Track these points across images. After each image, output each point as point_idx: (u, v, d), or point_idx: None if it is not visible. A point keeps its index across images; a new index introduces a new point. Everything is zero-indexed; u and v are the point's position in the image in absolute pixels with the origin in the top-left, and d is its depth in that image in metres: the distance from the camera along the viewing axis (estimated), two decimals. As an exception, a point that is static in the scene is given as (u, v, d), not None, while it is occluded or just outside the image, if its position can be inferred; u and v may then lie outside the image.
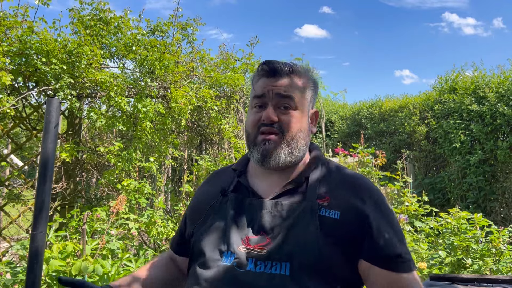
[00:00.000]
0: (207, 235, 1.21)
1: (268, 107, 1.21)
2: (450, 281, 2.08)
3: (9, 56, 3.64)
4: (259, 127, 1.22)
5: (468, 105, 7.77)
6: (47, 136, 2.43)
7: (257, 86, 1.26)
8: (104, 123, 3.85)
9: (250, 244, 1.14)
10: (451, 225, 3.48)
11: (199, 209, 1.32)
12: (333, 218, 1.14)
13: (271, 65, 1.24)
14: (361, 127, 10.18)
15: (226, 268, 1.12)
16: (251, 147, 1.24)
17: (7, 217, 4.14)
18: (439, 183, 8.24)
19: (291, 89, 1.23)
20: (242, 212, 1.21)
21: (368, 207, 1.16)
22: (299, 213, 1.15)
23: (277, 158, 1.20)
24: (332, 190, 1.20)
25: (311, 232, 1.12)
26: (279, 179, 1.24)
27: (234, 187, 1.28)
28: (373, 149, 6.49)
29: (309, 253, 1.09)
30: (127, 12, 4.59)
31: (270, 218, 1.16)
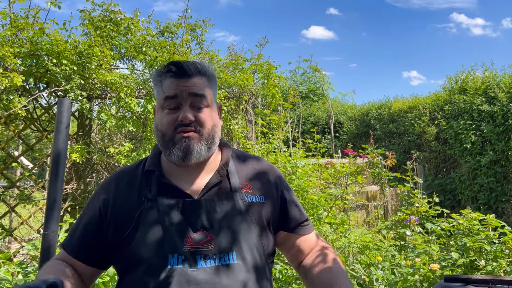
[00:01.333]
0: (145, 242, 1.18)
1: (185, 108, 1.24)
2: (465, 282, 2.05)
3: (20, 57, 3.67)
4: (176, 127, 1.24)
5: (479, 105, 7.70)
6: (59, 136, 2.44)
7: (166, 86, 1.26)
8: (114, 124, 3.86)
9: (194, 243, 1.18)
10: (463, 226, 3.44)
11: (122, 216, 1.25)
12: (260, 202, 1.31)
13: (180, 65, 1.26)
14: (370, 128, 10.13)
15: (178, 270, 1.14)
16: (170, 146, 1.24)
17: (18, 217, 4.16)
18: (450, 184, 8.18)
19: (202, 87, 1.27)
20: (176, 214, 1.22)
21: (279, 185, 1.39)
22: (231, 205, 1.26)
23: (198, 154, 1.24)
24: (250, 177, 1.35)
25: (245, 220, 1.25)
26: (199, 174, 1.30)
27: (158, 189, 1.26)
28: (382, 150, 6.46)
29: (249, 239, 1.23)
30: (137, 13, 4.61)
31: (207, 215, 1.22)
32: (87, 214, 1.32)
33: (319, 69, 14.48)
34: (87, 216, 1.31)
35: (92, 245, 1.27)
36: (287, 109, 6.04)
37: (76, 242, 1.30)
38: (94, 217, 1.29)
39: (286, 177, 4.30)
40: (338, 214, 5.09)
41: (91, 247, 1.28)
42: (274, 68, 5.02)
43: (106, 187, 1.34)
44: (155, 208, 1.22)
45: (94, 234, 1.27)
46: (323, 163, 5.80)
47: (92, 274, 1.32)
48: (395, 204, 7.48)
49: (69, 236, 1.33)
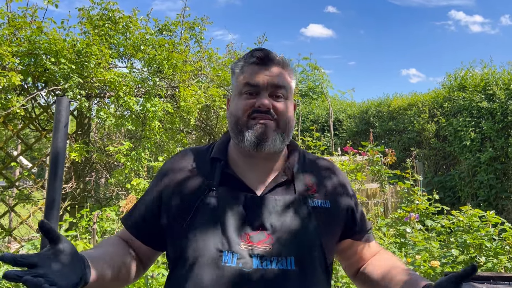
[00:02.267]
0: (201, 234, 1.13)
1: (263, 95, 1.19)
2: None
3: (18, 56, 3.65)
4: (251, 113, 1.19)
5: (478, 102, 7.70)
6: (57, 135, 2.43)
7: (249, 73, 1.22)
8: (113, 123, 3.85)
9: (251, 241, 1.12)
10: (463, 223, 3.44)
11: (182, 202, 1.19)
12: (325, 208, 1.22)
13: (265, 53, 1.23)
14: (370, 126, 10.12)
15: (232, 268, 1.08)
16: (243, 131, 1.18)
17: (18, 217, 4.16)
18: (450, 181, 8.17)
19: (283, 79, 1.23)
20: (236, 208, 1.16)
21: (347, 191, 1.31)
22: (294, 207, 1.18)
23: (272, 143, 1.19)
24: (316, 180, 1.27)
25: (308, 225, 1.17)
26: (265, 168, 1.25)
27: (221, 179, 1.21)
28: (382, 147, 6.45)
29: (309, 246, 1.15)
30: (136, 12, 4.60)
31: (268, 214, 1.15)
32: (149, 192, 1.28)
33: (318, 67, 14.46)
34: (148, 195, 1.28)
35: (149, 224, 1.24)
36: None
37: (135, 219, 1.27)
38: (154, 197, 1.25)
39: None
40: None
41: (148, 226, 1.25)
42: (273, 66, 5.01)
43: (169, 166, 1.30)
44: (215, 198, 1.17)
45: (152, 214, 1.24)
46: (323, 161, 5.78)
47: (149, 254, 1.29)
48: (395, 201, 7.47)
49: (130, 211, 1.32)
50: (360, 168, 5.92)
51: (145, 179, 4.23)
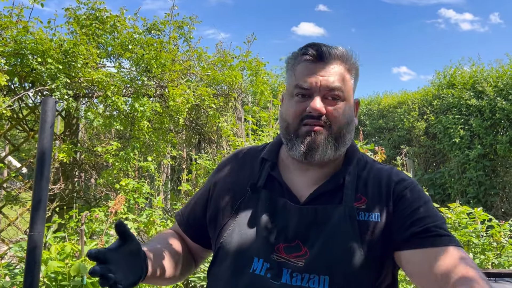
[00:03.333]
0: (236, 236, 1.09)
1: (316, 98, 1.07)
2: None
3: (4, 56, 3.61)
4: (303, 118, 1.09)
5: (467, 100, 7.76)
6: (43, 135, 2.40)
7: (300, 73, 1.11)
8: (102, 123, 3.83)
9: (285, 253, 1.04)
10: (451, 220, 3.46)
11: (225, 199, 1.17)
12: (374, 221, 1.06)
13: (318, 49, 1.10)
14: (360, 124, 10.16)
15: (260, 278, 1.02)
16: (293, 138, 1.10)
17: (6, 219, 4.11)
18: (439, 179, 8.24)
19: (339, 79, 1.10)
20: (275, 215, 1.09)
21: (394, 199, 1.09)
22: (336, 220, 1.05)
23: (323, 153, 1.09)
24: (368, 189, 1.11)
25: (351, 242, 1.03)
26: (316, 175, 1.14)
27: (266, 181, 1.15)
28: (372, 146, 6.47)
29: (350, 267, 1.01)
30: (123, 11, 4.57)
31: (306, 225, 1.06)
32: (201, 189, 1.29)
33: (308, 66, 14.48)
34: (201, 190, 1.28)
35: (197, 221, 1.23)
36: (277, 105, 6.03)
37: (186, 215, 1.28)
38: (204, 192, 1.25)
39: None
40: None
41: (196, 223, 1.24)
42: (263, 65, 5.01)
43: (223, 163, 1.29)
44: (256, 201, 1.12)
45: (201, 210, 1.23)
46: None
47: (199, 252, 1.27)
48: (386, 199, 7.53)
49: (184, 206, 1.31)
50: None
51: (134, 179, 4.21)
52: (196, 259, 1.29)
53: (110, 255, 0.95)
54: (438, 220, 1.04)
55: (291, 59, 1.16)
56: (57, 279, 2.70)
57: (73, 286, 2.68)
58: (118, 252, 0.97)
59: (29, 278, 1.95)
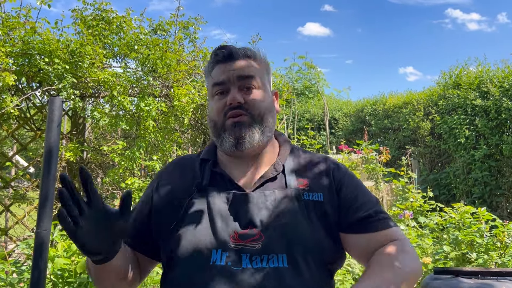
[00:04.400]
0: (190, 234, 1.12)
1: (232, 90, 1.18)
2: (454, 275, 2.08)
3: (12, 56, 3.66)
4: (226, 112, 1.18)
5: (473, 100, 7.74)
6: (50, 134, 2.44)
7: (214, 73, 1.22)
8: (108, 122, 3.87)
9: (240, 240, 1.09)
10: (455, 220, 3.47)
11: (171, 204, 1.19)
12: (317, 201, 1.16)
13: (226, 49, 1.21)
14: (365, 124, 10.16)
15: (221, 268, 1.06)
16: (221, 133, 1.19)
17: (13, 217, 4.17)
18: (444, 179, 8.22)
19: (250, 69, 1.21)
20: (225, 206, 1.14)
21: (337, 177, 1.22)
22: (284, 202, 1.14)
23: (251, 139, 1.17)
24: (307, 173, 1.22)
25: (300, 220, 1.12)
26: (253, 166, 1.23)
27: (210, 179, 1.20)
28: (377, 146, 6.48)
29: (303, 242, 1.10)
30: (129, 12, 4.61)
31: (257, 210, 1.12)
32: (141, 200, 1.28)
33: (314, 66, 14.49)
34: (140, 202, 1.28)
35: (142, 232, 1.22)
36: (281, 106, 6.05)
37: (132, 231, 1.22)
38: (145, 203, 1.25)
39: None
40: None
41: (141, 233, 1.22)
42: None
43: (162, 173, 1.32)
44: (204, 198, 1.16)
45: (143, 220, 1.22)
46: (318, 159, 5.81)
47: (145, 263, 1.25)
48: (391, 199, 7.51)
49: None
50: (355, 166, 5.95)
51: (140, 178, 4.25)
52: (142, 272, 1.26)
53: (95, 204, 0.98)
54: (377, 204, 1.19)
55: (207, 67, 1.26)
56: (63, 276, 2.74)
57: (79, 283, 2.72)
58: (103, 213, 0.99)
59: (36, 275, 1.98)
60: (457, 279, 2.01)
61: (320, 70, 15.19)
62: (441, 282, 2.03)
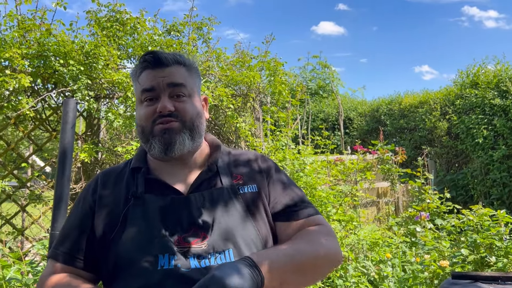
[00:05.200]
0: (132, 242, 1.10)
1: (163, 98, 1.18)
2: (473, 279, 2.02)
3: (28, 58, 3.70)
4: (155, 119, 1.18)
5: (491, 99, 7.60)
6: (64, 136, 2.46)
7: (143, 79, 1.20)
8: (122, 124, 3.88)
9: (185, 243, 1.09)
10: (473, 222, 3.40)
11: (109, 216, 1.16)
12: (253, 192, 1.22)
13: (156, 55, 1.20)
14: (381, 124, 10.05)
15: (170, 271, 1.05)
16: (150, 139, 1.19)
17: (29, 217, 4.21)
18: (462, 180, 8.08)
19: (181, 77, 1.21)
20: (165, 211, 1.14)
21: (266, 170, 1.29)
22: (222, 199, 1.17)
23: (181, 145, 1.18)
24: (240, 169, 1.27)
25: (240, 213, 1.17)
26: (186, 169, 1.24)
27: (145, 186, 1.19)
28: (392, 146, 6.39)
29: (247, 234, 1.14)
30: (143, 13, 4.62)
31: (197, 212, 1.14)
32: (77, 216, 1.22)
33: (328, 65, 14.42)
34: (77, 218, 1.22)
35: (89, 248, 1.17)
36: (295, 106, 6.01)
37: (71, 249, 1.18)
38: (85, 218, 1.20)
39: (293, 174, 4.28)
40: (348, 211, 5.05)
41: (88, 251, 1.17)
42: (281, 65, 5.00)
43: (93, 185, 1.26)
44: (142, 205, 1.15)
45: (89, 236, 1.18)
46: (332, 159, 5.76)
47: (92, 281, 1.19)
48: (406, 200, 7.41)
49: (58, 245, 1.20)
50: (370, 166, 5.87)
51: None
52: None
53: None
54: (301, 195, 1.27)
55: (134, 70, 1.25)
56: (77, 277, 2.75)
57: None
58: None
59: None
60: (476, 285, 1.96)
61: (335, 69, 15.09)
62: (458, 287, 1.97)
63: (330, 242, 1.16)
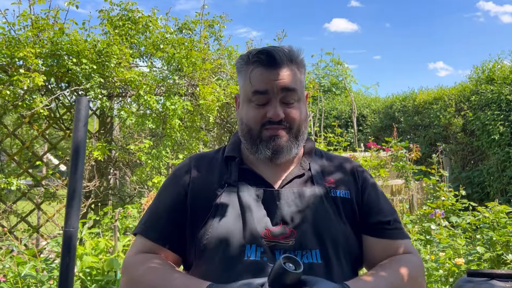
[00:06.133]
0: (222, 228, 1.10)
1: (275, 104, 1.14)
2: (489, 277, 1.98)
3: (41, 57, 3.74)
4: (264, 123, 1.15)
5: (507, 95, 7.45)
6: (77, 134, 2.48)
7: (255, 78, 1.16)
8: (134, 122, 3.90)
9: (273, 237, 1.08)
10: (489, 220, 3.34)
11: (202, 199, 1.16)
12: (345, 198, 1.18)
13: (271, 54, 1.15)
14: (394, 121, 9.94)
15: (256, 263, 1.04)
16: (257, 143, 1.17)
17: (44, 215, 4.26)
18: (477, 177, 7.95)
19: (293, 80, 1.17)
20: (256, 203, 1.13)
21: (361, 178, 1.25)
22: (313, 199, 1.15)
23: (288, 153, 1.17)
24: (333, 172, 1.24)
25: (330, 215, 1.14)
26: (281, 166, 1.21)
27: (238, 175, 1.18)
28: (406, 143, 6.32)
29: (335, 237, 1.11)
30: (155, 11, 4.64)
31: (287, 207, 1.12)
32: (169, 196, 1.21)
33: (341, 62, 14.31)
34: (169, 198, 1.21)
35: (179, 229, 1.17)
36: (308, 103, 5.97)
37: (162, 228, 1.18)
38: (178, 198, 1.19)
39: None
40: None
41: (178, 232, 1.17)
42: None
43: (185, 168, 1.25)
44: (235, 193, 1.15)
45: (181, 217, 1.17)
46: (346, 157, 5.72)
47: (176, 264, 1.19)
48: (421, 197, 7.33)
49: (149, 222, 1.20)
50: (383, 164, 5.83)
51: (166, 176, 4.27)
52: None
53: None
54: (395, 213, 1.22)
55: (243, 64, 1.20)
56: (91, 274, 2.77)
57: (106, 281, 2.74)
58: None
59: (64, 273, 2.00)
60: (491, 282, 1.92)
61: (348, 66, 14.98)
62: (474, 285, 1.94)
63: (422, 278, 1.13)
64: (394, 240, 1.17)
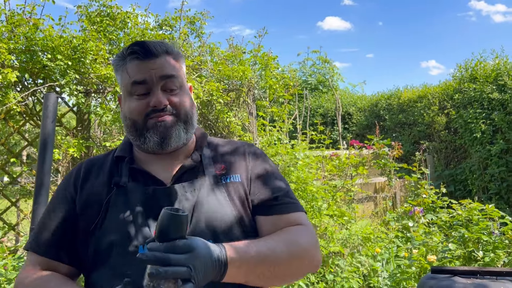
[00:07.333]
0: (113, 233, 1.09)
1: (156, 92, 1.14)
2: (452, 274, 2.00)
3: (15, 53, 3.68)
4: (148, 113, 1.15)
5: (489, 93, 7.52)
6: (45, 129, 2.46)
7: (132, 70, 1.15)
8: (110, 119, 3.86)
9: None
10: (462, 217, 3.37)
11: (91, 204, 1.15)
12: (236, 182, 1.19)
13: (145, 45, 1.16)
14: (380, 119, 9.98)
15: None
16: (144, 133, 1.15)
17: (21, 212, 4.21)
18: (460, 175, 8.03)
19: (172, 67, 1.17)
20: (146, 202, 1.12)
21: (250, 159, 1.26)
22: (205, 190, 1.15)
23: (177, 138, 1.16)
24: (224, 158, 1.25)
25: (222, 204, 1.14)
26: (171, 160, 1.21)
27: (128, 175, 1.17)
28: (388, 141, 6.36)
29: (228, 224, 1.12)
30: (134, 8, 4.61)
31: (179, 203, 1.13)
32: (57, 206, 1.19)
33: (328, 60, 14.32)
34: (57, 208, 1.19)
35: (70, 239, 1.15)
36: (290, 101, 5.97)
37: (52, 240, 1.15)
38: (67, 207, 1.17)
39: (285, 169, 4.25)
40: (343, 206, 5.03)
41: (69, 242, 1.15)
42: (273, 59, 4.96)
43: (74, 174, 1.24)
44: (124, 195, 1.13)
45: (71, 226, 1.15)
46: (328, 154, 5.74)
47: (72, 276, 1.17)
48: (404, 195, 7.37)
49: (39, 236, 1.17)
50: (365, 161, 5.85)
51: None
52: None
53: None
54: (285, 189, 1.22)
55: (119, 61, 1.20)
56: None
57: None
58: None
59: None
60: (453, 279, 1.94)
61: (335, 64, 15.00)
62: (436, 281, 1.95)
63: (309, 246, 1.13)
64: (282, 215, 1.17)
